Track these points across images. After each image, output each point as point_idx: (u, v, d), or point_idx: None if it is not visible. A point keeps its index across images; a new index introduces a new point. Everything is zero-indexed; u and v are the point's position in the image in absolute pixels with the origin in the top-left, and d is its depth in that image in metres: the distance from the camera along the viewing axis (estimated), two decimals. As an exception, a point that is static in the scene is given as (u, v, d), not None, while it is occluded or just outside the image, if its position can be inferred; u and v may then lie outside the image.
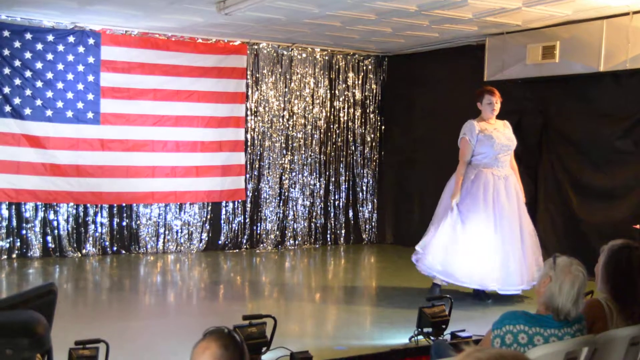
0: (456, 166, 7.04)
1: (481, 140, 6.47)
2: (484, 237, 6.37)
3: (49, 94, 8.16)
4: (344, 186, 10.14)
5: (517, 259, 6.36)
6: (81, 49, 8.29)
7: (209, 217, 9.23)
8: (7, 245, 8.15)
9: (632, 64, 6.70)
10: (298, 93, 9.69)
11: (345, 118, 10.10)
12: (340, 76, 10.01)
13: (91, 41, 8.33)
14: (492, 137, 6.47)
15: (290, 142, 9.68)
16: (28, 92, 8.05)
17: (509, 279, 6.33)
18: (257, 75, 9.39)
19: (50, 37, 8.13)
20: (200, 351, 2.20)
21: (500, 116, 8.63)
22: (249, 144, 9.38)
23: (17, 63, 7.99)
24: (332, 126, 10.00)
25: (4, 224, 8.13)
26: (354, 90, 10.12)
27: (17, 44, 7.97)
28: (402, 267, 8.53)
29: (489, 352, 1.73)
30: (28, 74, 8.05)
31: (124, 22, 8.09)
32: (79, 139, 8.34)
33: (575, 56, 7.20)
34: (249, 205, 9.45)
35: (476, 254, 6.35)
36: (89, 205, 8.54)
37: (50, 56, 8.15)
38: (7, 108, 7.97)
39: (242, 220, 9.43)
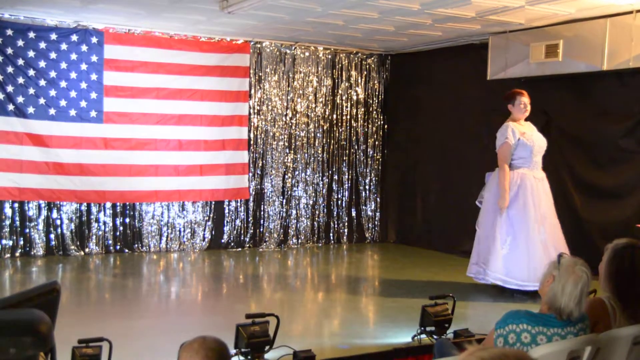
0: (457, 164, 7.08)
1: (522, 144, 6.57)
2: (535, 240, 6.45)
3: (52, 92, 8.17)
4: (346, 185, 10.14)
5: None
6: (84, 48, 8.30)
7: (212, 215, 9.23)
8: (11, 243, 8.16)
9: (635, 62, 6.68)
10: (301, 92, 9.68)
11: (348, 117, 10.10)
12: (343, 75, 10.00)
13: (94, 40, 8.34)
14: (533, 141, 6.59)
15: (293, 141, 9.68)
16: (31, 90, 8.06)
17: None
18: (260, 74, 9.39)
19: (53, 36, 8.14)
20: (184, 354, 2.27)
21: (503, 115, 8.65)
22: (252, 142, 9.38)
23: (21, 62, 7.99)
24: (335, 125, 9.99)
25: (8, 222, 8.14)
26: (357, 89, 10.12)
27: (20, 43, 7.97)
28: (405, 266, 8.54)
29: (492, 351, 1.73)
30: (31, 72, 8.06)
31: (127, 20, 8.10)
32: (82, 138, 8.35)
33: (578, 55, 7.18)
34: (251, 203, 9.45)
35: (530, 256, 6.42)
36: (92, 203, 8.55)
37: (53, 55, 8.15)
38: (11, 107, 7.98)
39: (245, 219, 9.43)
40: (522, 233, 6.48)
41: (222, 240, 9.31)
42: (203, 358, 2.28)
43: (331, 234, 10.03)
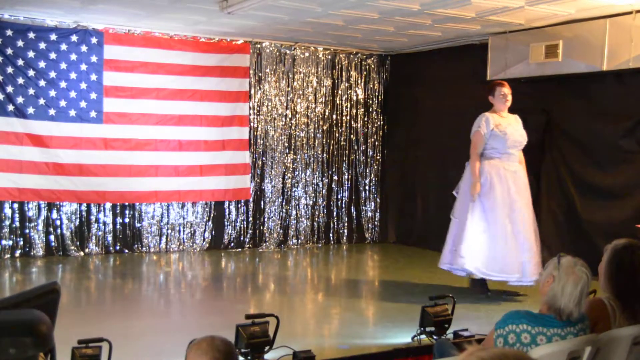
0: (457, 164, 7.07)
1: (495, 135, 6.55)
2: (502, 231, 6.47)
3: (52, 93, 8.17)
4: (346, 185, 10.14)
5: (531, 252, 6.51)
6: (84, 48, 8.30)
7: (212, 216, 9.23)
8: (11, 244, 8.16)
9: (635, 63, 6.68)
10: (301, 92, 9.69)
11: (348, 117, 10.10)
12: (343, 75, 10.00)
13: (94, 40, 8.34)
14: (506, 133, 6.56)
15: (293, 141, 9.68)
16: (31, 91, 8.06)
17: (525, 270, 6.49)
18: (260, 74, 9.39)
19: (53, 36, 8.14)
20: (191, 352, 2.26)
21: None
22: (251, 143, 9.38)
23: (20, 62, 8.00)
24: (334, 125, 10.00)
25: (7, 223, 8.14)
26: (356, 89, 10.12)
27: (20, 43, 7.97)
28: (405, 266, 8.54)
29: (492, 351, 1.73)
30: (31, 73, 8.06)
31: (126, 21, 8.10)
32: (82, 138, 8.35)
33: (578, 55, 7.18)
34: (251, 204, 9.45)
35: (498, 247, 6.47)
36: (92, 204, 8.55)
37: (53, 55, 8.15)
38: (10, 107, 7.98)
39: (245, 219, 9.43)
40: (491, 223, 6.51)
41: (222, 241, 9.30)
42: (211, 359, 2.27)
43: (331, 235, 10.03)
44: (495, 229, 6.49)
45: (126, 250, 8.76)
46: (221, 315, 6.11)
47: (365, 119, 10.23)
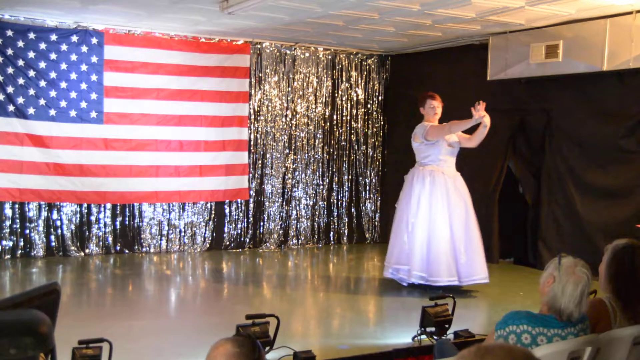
0: (458, 166, 7.13)
1: (429, 144, 6.88)
2: (440, 235, 6.69)
3: (53, 93, 8.17)
4: (347, 185, 10.14)
5: (467, 254, 6.75)
6: (84, 49, 8.30)
7: (212, 216, 9.23)
8: (11, 244, 8.16)
9: (635, 63, 6.68)
10: (301, 92, 9.69)
11: (348, 117, 10.10)
12: (343, 75, 10.00)
13: (94, 41, 8.34)
14: (438, 141, 6.84)
15: (293, 142, 9.68)
16: (31, 91, 8.06)
17: (464, 272, 6.73)
18: (260, 75, 9.39)
19: (53, 37, 8.14)
20: (214, 347, 2.23)
21: (503, 115, 8.64)
22: (252, 143, 9.39)
23: (21, 62, 8.00)
24: (335, 125, 10.00)
25: (8, 223, 8.14)
26: (357, 90, 10.12)
27: (20, 44, 7.98)
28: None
29: (498, 346, 1.71)
30: (31, 73, 8.06)
31: (127, 21, 8.10)
32: (83, 139, 8.35)
33: (578, 55, 7.18)
34: (252, 204, 9.45)
35: (434, 251, 6.68)
36: (92, 204, 8.55)
37: (53, 55, 8.15)
38: (11, 107, 7.98)
39: (245, 220, 9.43)
40: (427, 228, 6.73)
41: (223, 241, 9.30)
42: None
43: (331, 235, 10.03)
44: (431, 234, 6.69)
45: (126, 251, 8.76)
46: (221, 316, 6.11)
47: (366, 119, 10.24)
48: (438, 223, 6.70)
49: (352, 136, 10.14)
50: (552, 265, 3.09)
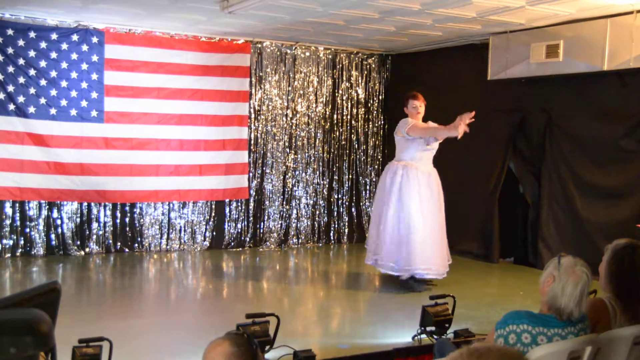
0: (457, 164, 7.18)
1: (409, 140, 6.97)
2: (419, 227, 6.83)
3: (53, 92, 8.17)
4: (347, 185, 10.14)
5: (439, 248, 6.94)
6: (85, 48, 8.30)
7: (212, 215, 9.23)
8: (11, 243, 8.16)
9: (636, 62, 6.68)
10: (301, 92, 9.69)
11: (349, 117, 10.10)
12: (344, 75, 10.00)
13: (95, 40, 8.34)
14: (417, 139, 6.93)
15: (293, 141, 9.68)
16: (32, 90, 8.06)
17: (435, 265, 6.88)
18: (261, 74, 9.39)
19: (54, 36, 8.14)
20: (212, 347, 2.23)
21: (504, 115, 8.65)
22: (252, 142, 9.39)
23: (21, 61, 8.00)
24: (335, 125, 10.00)
25: (8, 222, 8.14)
26: (357, 89, 10.12)
27: (21, 43, 7.98)
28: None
29: (489, 348, 1.71)
30: (32, 72, 8.06)
31: (127, 20, 8.10)
32: (83, 137, 8.35)
33: (579, 55, 7.18)
34: (252, 203, 9.45)
35: (408, 244, 6.81)
36: (92, 203, 8.56)
37: (54, 54, 8.15)
38: (11, 106, 7.98)
39: (246, 219, 9.43)
40: (398, 220, 6.86)
41: (223, 240, 9.31)
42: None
43: (331, 234, 10.03)
44: (406, 228, 6.82)
45: (127, 250, 8.76)
46: (221, 315, 6.11)
47: (366, 118, 10.24)
48: (412, 215, 6.82)
49: (353, 136, 10.14)
50: (551, 264, 3.09)
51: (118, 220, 8.73)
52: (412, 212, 6.83)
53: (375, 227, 7.13)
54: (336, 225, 10.07)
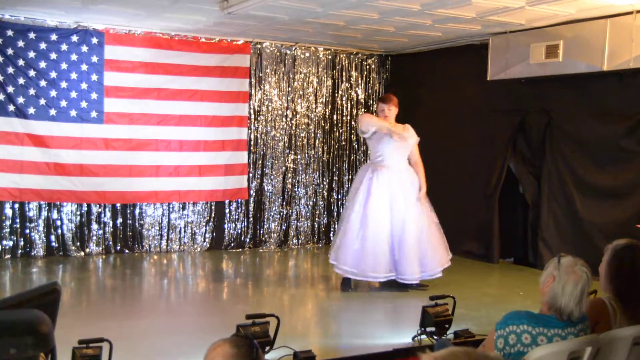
0: (457, 165, 7.17)
1: (377, 140, 6.90)
2: (384, 230, 6.72)
3: (53, 93, 8.17)
4: (347, 185, 10.13)
5: (413, 250, 6.76)
6: (85, 48, 8.30)
7: (212, 216, 9.23)
8: (11, 244, 8.16)
9: (635, 63, 6.68)
10: (301, 92, 9.69)
11: (349, 117, 10.10)
12: (344, 75, 10.01)
13: (95, 40, 8.34)
14: (385, 137, 6.86)
15: (293, 142, 9.68)
16: (32, 91, 8.06)
17: (407, 269, 6.76)
18: (260, 75, 9.39)
19: (53, 37, 8.14)
20: (212, 348, 2.23)
21: (504, 115, 8.65)
22: (252, 143, 9.39)
23: (21, 62, 8.00)
24: (335, 125, 10.00)
25: (8, 223, 8.14)
26: (357, 90, 10.12)
27: (20, 43, 7.97)
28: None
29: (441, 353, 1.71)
30: (32, 73, 8.06)
31: (127, 21, 8.10)
32: (83, 138, 8.35)
33: (579, 55, 7.18)
34: (252, 204, 9.45)
35: (380, 246, 6.71)
36: (92, 204, 8.56)
37: (53, 55, 8.15)
38: (11, 107, 7.98)
39: (246, 220, 9.43)
40: (369, 226, 6.74)
41: (223, 241, 9.31)
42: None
43: (331, 235, 10.02)
44: (372, 232, 6.71)
45: (126, 251, 8.76)
46: (221, 315, 6.11)
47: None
48: (377, 219, 6.72)
49: (352, 136, 10.14)
50: (551, 264, 3.09)
51: (118, 221, 8.73)
52: (378, 215, 6.72)
53: (344, 231, 6.91)
54: (336, 226, 10.05)
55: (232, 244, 9.33)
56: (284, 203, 9.67)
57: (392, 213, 6.78)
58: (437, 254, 6.98)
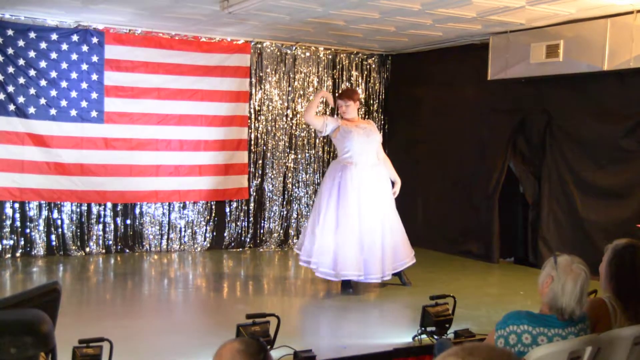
0: (458, 164, 7.15)
1: (342, 136, 6.81)
2: (351, 228, 6.65)
3: (53, 92, 8.17)
4: (347, 185, 10.12)
5: (378, 249, 6.70)
6: (85, 48, 8.30)
7: (212, 216, 9.23)
8: (12, 243, 8.16)
9: (636, 62, 6.68)
10: (302, 92, 9.69)
11: (349, 117, 10.08)
12: (344, 75, 10.00)
13: (95, 40, 8.34)
14: (351, 132, 6.81)
15: (293, 141, 9.68)
16: (32, 91, 8.07)
17: (370, 268, 6.69)
18: (261, 74, 9.39)
19: (54, 36, 8.14)
20: (222, 345, 2.24)
21: (504, 115, 8.64)
22: (252, 142, 9.39)
23: (21, 62, 8.00)
24: (335, 125, 9.98)
25: (8, 222, 8.14)
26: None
27: (21, 43, 7.98)
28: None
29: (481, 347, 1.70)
30: (32, 72, 8.06)
31: (127, 21, 8.10)
32: (83, 138, 8.36)
33: (579, 55, 7.18)
34: (252, 204, 9.45)
35: (346, 245, 6.65)
36: (93, 204, 8.56)
37: (54, 55, 8.16)
38: (11, 107, 7.99)
39: (246, 219, 9.43)
40: (340, 225, 6.69)
41: (223, 241, 9.31)
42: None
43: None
44: (342, 230, 6.66)
45: (127, 250, 8.76)
46: (222, 315, 6.11)
47: (366, 118, 10.22)
48: (347, 217, 6.68)
49: (353, 136, 10.12)
50: (548, 265, 3.09)
51: (118, 221, 8.73)
52: (352, 213, 6.67)
53: (313, 230, 6.85)
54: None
55: (233, 244, 9.33)
56: (284, 203, 9.67)
57: (361, 212, 6.69)
58: (406, 245, 7.02)
